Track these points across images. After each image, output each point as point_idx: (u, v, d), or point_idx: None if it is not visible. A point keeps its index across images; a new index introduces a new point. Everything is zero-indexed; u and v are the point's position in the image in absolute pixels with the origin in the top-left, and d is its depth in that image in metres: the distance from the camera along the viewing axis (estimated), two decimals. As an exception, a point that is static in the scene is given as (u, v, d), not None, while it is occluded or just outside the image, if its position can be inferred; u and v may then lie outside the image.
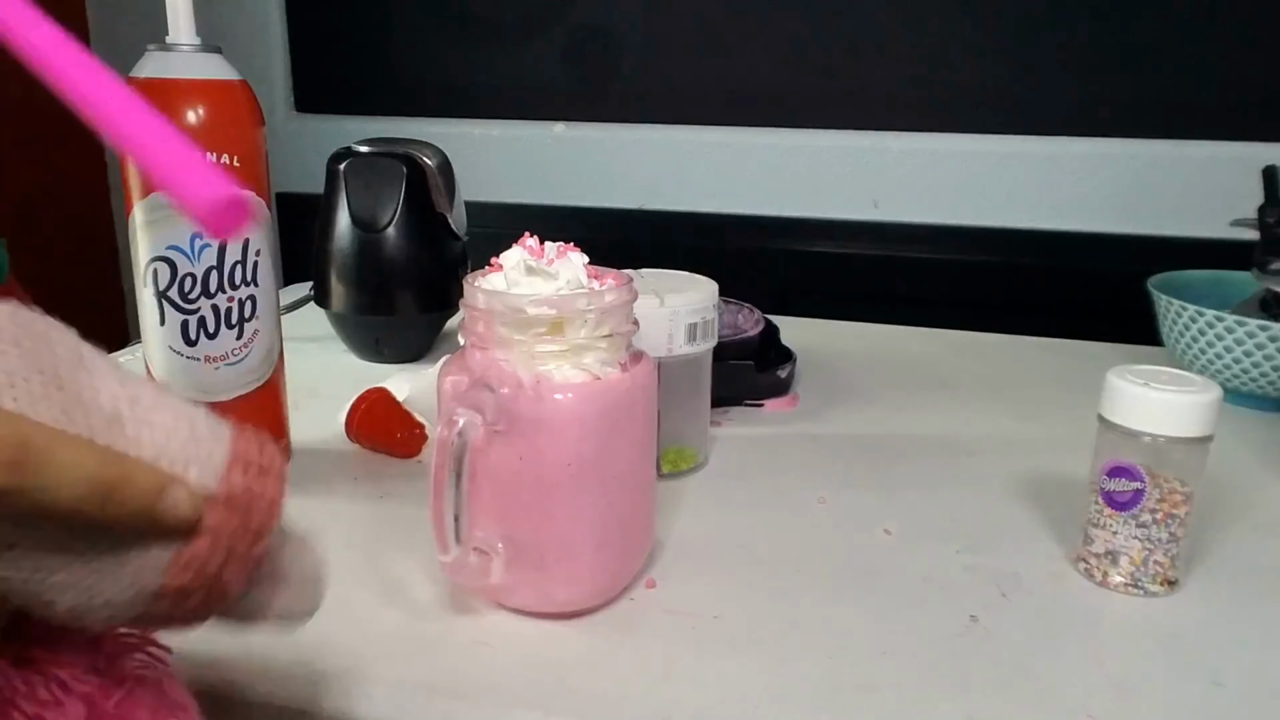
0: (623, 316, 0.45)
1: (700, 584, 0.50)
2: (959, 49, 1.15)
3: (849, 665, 0.43)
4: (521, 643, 0.45)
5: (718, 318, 0.61)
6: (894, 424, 0.72)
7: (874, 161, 1.19)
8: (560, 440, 0.43)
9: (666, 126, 1.25)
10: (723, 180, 1.24)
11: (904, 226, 1.19)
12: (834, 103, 1.20)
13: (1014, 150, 1.15)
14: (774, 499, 0.60)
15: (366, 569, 0.51)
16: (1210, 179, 1.08)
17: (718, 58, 1.22)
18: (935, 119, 1.17)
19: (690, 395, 0.62)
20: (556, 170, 1.28)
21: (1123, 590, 0.49)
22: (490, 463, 0.44)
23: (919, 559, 0.53)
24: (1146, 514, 0.48)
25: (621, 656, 0.44)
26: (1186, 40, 1.08)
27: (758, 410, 0.74)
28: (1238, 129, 1.07)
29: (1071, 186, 1.14)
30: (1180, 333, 0.76)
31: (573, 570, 0.45)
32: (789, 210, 1.23)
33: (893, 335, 0.95)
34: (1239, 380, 0.73)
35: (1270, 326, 0.70)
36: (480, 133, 1.27)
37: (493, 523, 0.45)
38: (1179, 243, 1.10)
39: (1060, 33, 1.11)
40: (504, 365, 0.43)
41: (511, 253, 0.45)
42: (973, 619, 0.47)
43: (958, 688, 0.42)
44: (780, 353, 0.78)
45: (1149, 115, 1.10)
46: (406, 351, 0.84)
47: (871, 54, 1.18)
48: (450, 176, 0.84)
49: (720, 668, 0.43)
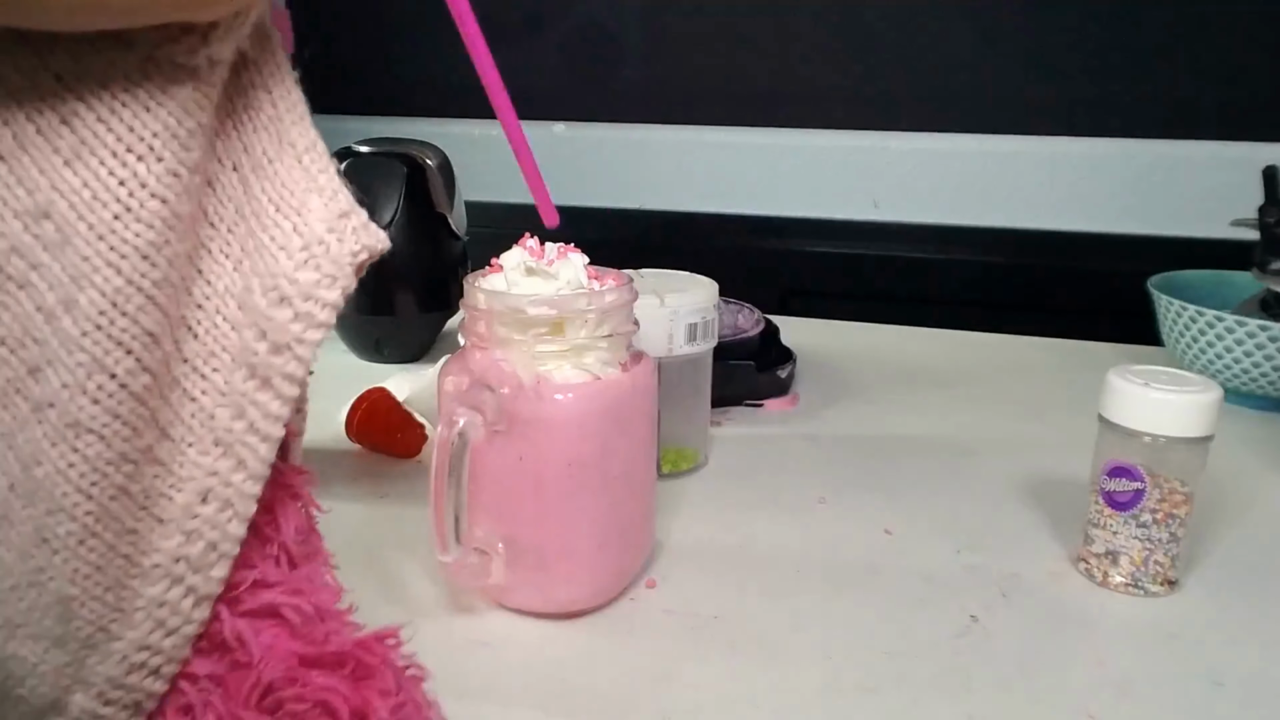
0: (623, 316, 0.45)
1: (700, 584, 0.50)
2: (959, 49, 1.15)
3: (849, 665, 0.43)
4: (521, 643, 0.45)
5: (718, 318, 0.61)
6: (894, 424, 0.72)
7: (874, 161, 1.19)
8: (560, 440, 0.43)
9: (666, 126, 1.25)
10: (723, 180, 1.24)
11: (904, 226, 1.19)
12: (834, 103, 1.20)
13: (1014, 150, 1.15)
14: (774, 499, 0.60)
15: (366, 569, 0.50)
16: (1210, 179, 1.08)
17: (718, 58, 1.22)
18: (935, 119, 1.17)
19: (690, 395, 0.62)
20: (556, 170, 1.27)
21: (1123, 590, 0.49)
22: (490, 463, 0.44)
23: (919, 559, 0.53)
24: (1147, 514, 0.48)
25: (621, 656, 0.44)
26: (1186, 40, 1.08)
27: (758, 410, 0.74)
28: (1238, 129, 1.07)
29: (1071, 186, 1.14)
30: (1180, 333, 0.76)
31: (573, 570, 0.45)
32: (789, 210, 1.23)
33: (893, 335, 0.95)
34: (1239, 380, 0.73)
35: (1270, 326, 0.70)
36: (480, 133, 1.27)
37: (493, 523, 0.45)
38: (1179, 243, 1.10)
39: (1060, 33, 1.11)
40: (504, 365, 0.43)
41: (511, 253, 0.45)
42: (973, 619, 0.47)
43: (958, 688, 0.42)
44: (780, 353, 0.78)
45: (1149, 115, 1.10)
46: (406, 351, 0.84)
47: (871, 54, 1.18)
48: (450, 176, 0.84)
49: (720, 668, 0.43)
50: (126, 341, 0.25)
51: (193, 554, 0.28)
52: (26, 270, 0.25)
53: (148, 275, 0.26)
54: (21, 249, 0.25)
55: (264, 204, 0.29)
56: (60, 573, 0.26)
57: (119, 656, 0.27)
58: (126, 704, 0.28)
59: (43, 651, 0.27)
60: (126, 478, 0.26)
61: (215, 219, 0.28)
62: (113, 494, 0.26)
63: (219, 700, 0.28)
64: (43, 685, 0.27)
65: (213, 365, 0.28)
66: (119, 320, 0.25)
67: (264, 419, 0.28)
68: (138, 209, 0.25)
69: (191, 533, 0.28)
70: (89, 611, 0.27)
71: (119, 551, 0.27)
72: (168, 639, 0.28)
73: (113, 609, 0.27)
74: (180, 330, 0.28)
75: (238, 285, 0.28)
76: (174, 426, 0.28)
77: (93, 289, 0.25)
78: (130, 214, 0.25)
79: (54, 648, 0.27)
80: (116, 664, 0.27)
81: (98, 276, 0.25)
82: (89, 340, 0.25)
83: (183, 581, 0.28)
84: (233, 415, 0.28)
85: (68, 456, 0.25)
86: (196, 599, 0.28)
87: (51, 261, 0.25)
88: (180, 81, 0.26)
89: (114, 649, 0.27)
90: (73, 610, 0.27)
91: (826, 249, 1.21)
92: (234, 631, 0.29)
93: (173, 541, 0.28)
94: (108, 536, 0.27)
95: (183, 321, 0.28)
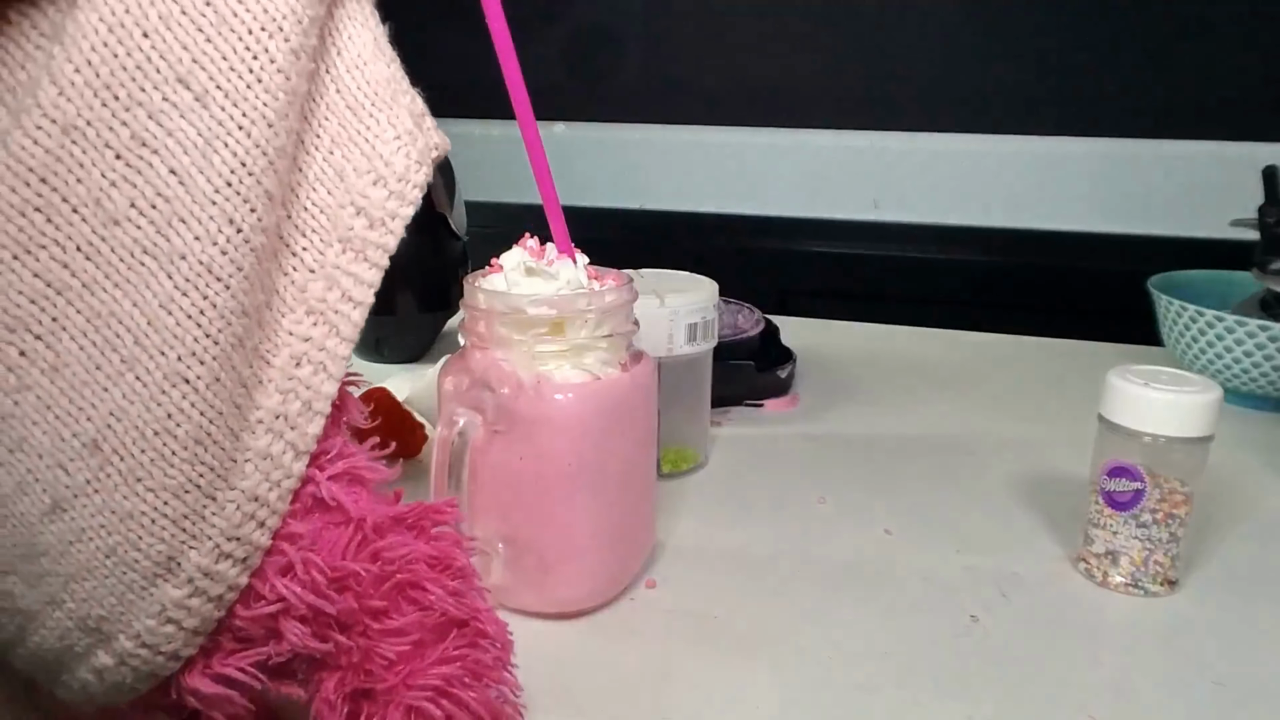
0: (623, 316, 0.45)
1: (700, 584, 0.50)
2: (959, 49, 1.15)
3: (849, 665, 0.43)
4: (521, 643, 0.45)
5: (718, 318, 0.61)
6: (894, 424, 0.72)
7: (874, 161, 1.20)
8: (560, 440, 0.43)
9: (666, 126, 1.25)
10: (723, 180, 1.24)
11: (904, 226, 1.19)
12: (834, 103, 1.20)
13: (1014, 150, 1.15)
14: (774, 499, 0.60)
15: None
16: (1210, 179, 1.08)
17: (718, 57, 1.22)
18: (935, 119, 1.17)
19: (690, 395, 0.62)
20: (557, 170, 1.27)
21: (1123, 590, 0.49)
22: (490, 463, 0.44)
23: (919, 559, 0.53)
24: (1147, 514, 0.48)
25: (621, 656, 0.44)
26: (1186, 40, 1.08)
27: (758, 410, 0.74)
28: (1238, 129, 1.07)
29: (1071, 186, 1.14)
30: (1180, 333, 0.76)
31: (573, 570, 0.45)
32: (789, 210, 1.23)
33: (893, 335, 0.95)
34: (1239, 380, 0.73)
35: (1270, 326, 0.70)
36: (480, 133, 1.27)
37: (493, 523, 0.45)
38: (1179, 243, 1.10)
39: (1060, 33, 1.11)
40: (504, 365, 0.43)
41: (511, 253, 0.45)
42: (973, 619, 0.47)
43: (958, 688, 0.42)
44: (780, 353, 0.78)
45: (1149, 115, 1.10)
46: (406, 351, 0.84)
47: (871, 54, 1.18)
48: (450, 176, 0.84)
49: (720, 668, 0.43)
50: (252, 200, 0.29)
51: (290, 411, 0.31)
52: (163, 136, 0.28)
53: (271, 142, 0.29)
54: (158, 115, 0.28)
55: (360, 98, 0.32)
56: (191, 415, 0.28)
57: (234, 506, 0.29)
58: (237, 559, 0.30)
59: (163, 504, 0.29)
60: (244, 329, 0.29)
61: (306, 113, 0.31)
62: (233, 342, 0.29)
63: (319, 556, 0.30)
64: (159, 542, 0.29)
65: (302, 244, 0.31)
66: (246, 180, 0.28)
67: (357, 286, 0.32)
68: (266, 80, 0.29)
69: (288, 391, 0.31)
70: (212, 456, 0.29)
71: (234, 401, 0.29)
72: (272, 491, 0.30)
73: (229, 457, 0.29)
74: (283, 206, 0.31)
75: (328, 172, 0.32)
76: (273, 297, 0.31)
77: (225, 150, 0.28)
78: (260, 84, 0.29)
79: (174, 498, 0.29)
80: (231, 514, 0.29)
81: (230, 139, 0.28)
82: (220, 196, 0.28)
83: (283, 436, 0.30)
84: (325, 286, 0.31)
85: (199, 304, 0.28)
86: (296, 453, 0.31)
87: (187, 126, 0.28)
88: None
89: (229, 498, 0.29)
90: (198, 455, 0.29)
91: (826, 249, 1.21)
92: (330, 493, 0.31)
93: (273, 399, 0.30)
94: (228, 383, 0.29)
95: (285, 201, 0.31)
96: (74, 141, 0.27)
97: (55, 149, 0.27)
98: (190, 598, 0.29)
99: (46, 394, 0.27)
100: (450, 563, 0.33)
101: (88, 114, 0.27)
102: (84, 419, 0.28)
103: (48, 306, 0.27)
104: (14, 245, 0.27)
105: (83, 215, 0.27)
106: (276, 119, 0.29)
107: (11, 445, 0.27)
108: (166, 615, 0.29)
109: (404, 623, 0.31)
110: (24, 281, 0.27)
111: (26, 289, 0.27)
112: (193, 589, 0.29)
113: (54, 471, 0.28)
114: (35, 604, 0.29)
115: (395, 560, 0.32)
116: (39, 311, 0.27)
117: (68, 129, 0.27)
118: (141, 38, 0.28)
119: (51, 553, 0.28)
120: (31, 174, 0.27)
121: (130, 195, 0.28)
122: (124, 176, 0.28)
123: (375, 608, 0.31)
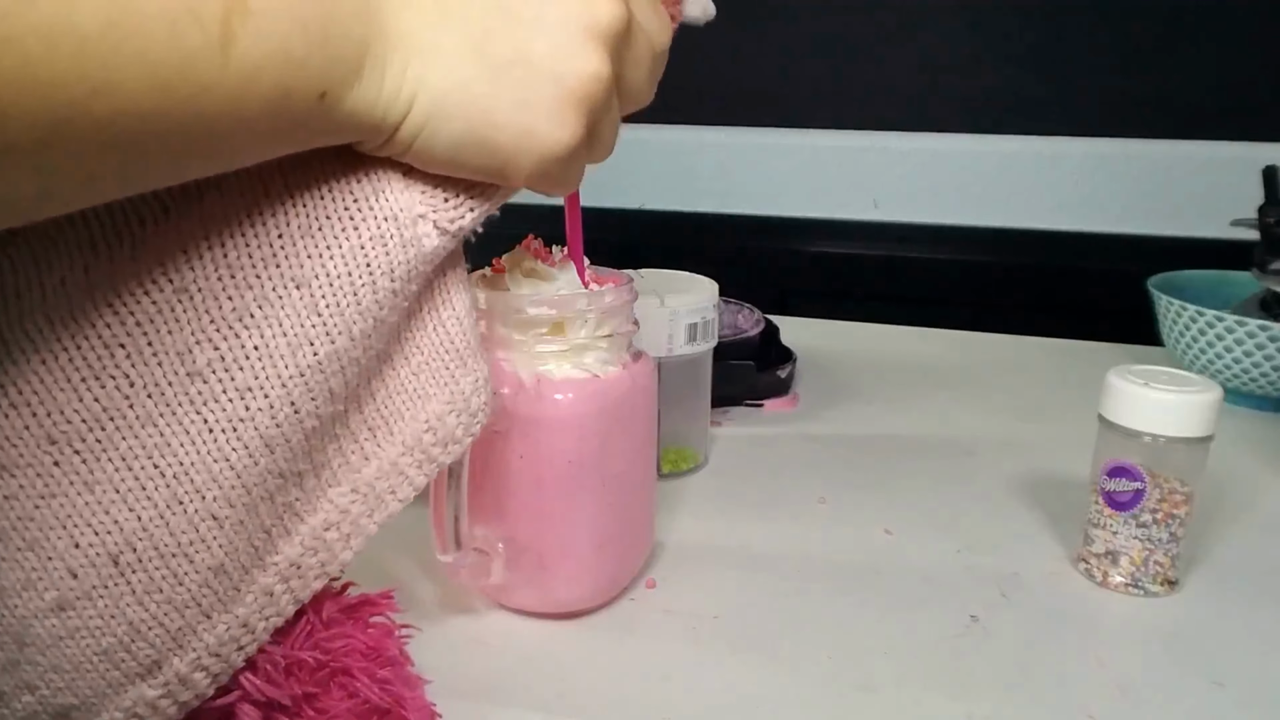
0: (623, 317, 0.45)
1: (700, 584, 0.50)
2: (959, 50, 1.15)
3: (849, 665, 0.43)
4: (521, 643, 0.45)
5: (718, 318, 0.61)
6: (894, 424, 0.72)
7: (874, 161, 1.20)
8: (560, 440, 0.43)
9: (667, 126, 1.25)
10: (723, 180, 1.24)
11: (904, 226, 1.19)
12: (834, 103, 1.20)
13: (1014, 150, 1.15)
14: (774, 499, 0.60)
15: (366, 569, 0.50)
16: (1210, 179, 1.08)
17: (718, 58, 1.22)
18: (935, 119, 1.17)
19: (690, 395, 0.62)
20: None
21: (1123, 590, 0.49)
22: (490, 463, 0.44)
23: (919, 559, 0.53)
24: (1147, 514, 0.48)
25: (621, 656, 0.44)
26: (1186, 40, 1.08)
27: (758, 410, 0.74)
28: (1238, 129, 1.07)
29: (1071, 186, 1.14)
30: (1180, 333, 0.76)
31: (573, 570, 0.45)
32: (789, 210, 1.23)
33: (893, 335, 0.95)
34: (1239, 380, 0.73)
35: (1270, 326, 0.70)
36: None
37: (493, 523, 0.45)
38: (1179, 243, 1.10)
39: (1061, 33, 1.11)
40: (504, 365, 0.43)
41: (512, 253, 0.45)
42: (973, 619, 0.47)
43: (958, 688, 0.42)
44: (780, 353, 0.78)
45: (1149, 115, 1.11)
46: (406, 351, 0.83)
47: (871, 54, 1.18)
48: (450, 176, 0.83)
49: (720, 668, 0.43)
50: (317, 393, 0.31)
51: (306, 564, 0.33)
52: (261, 319, 0.30)
53: (349, 352, 0.32)
54: (264, 302, 0.30)
55: (456, 342, 0.36)
56: (212, 547, 0.30)
57: (225, 627, 0.32)
58: (212, 673, 0.32)
59: (164, 615, 0.30)
60: (278, 488, 0.32)
61: (402, 339, 0.35)
62: (264, 496, 0.31)
63: (279, 650, 0.33)
64: (150, 648, 0.30)
65: (365, 436, 0.34)
66: (318, 376, 0.31)
67: (406, 484, 0.35)
68: (364, 305, 0.31)
69: (311, 549, 0.33)
70: (220, 584, 0.31)
71: (253, 543, 0.32)
72: (261, 624, 0.32)
73: (234, 586, 0.32)
74: (353, 402, 0.33)
75: (408, 387, 0.35)
76: (323, 470, 0.33)
77: (310, 348, 0.31)
78: (357, 307, 0.31)
79: (175, 613, 0.30)
80: (221, 633, 0.32)
81: (317, 341, 0.31)
82: (294, 383, 0.31)
83: (288, 583, 0.33)
84: (377, 474, 0.34)
85: (244, 461, 0.30)
86: (294, 599, 0.33)
87: (285, 318, 0.30)
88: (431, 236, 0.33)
89: (224, 620, 0.32)
90: (208, 580, 0.31)
91: (826, 249, 1.21)
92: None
93: (295, 550, 0.33)
94: (251, 528, 0.31)
95: (357, 398, 0.34)
96: (180, 301, 0.29)
97: (162, 303, 0.29)
98: (161, 699, 0.31)
99: (73, 505, 0.29)
100: (382, 652, 0.36)
101: (203, 282, 0.29)
102: (106, 533, 0.29)
103: (95, 429, 0.28)
104: (85, 369, 0.28)
105: (160, 360, 0.29)
106: (360, 338, 0.32)
107: (22, 545, 0.28)
108: (134, 711, 0.31)
109: (334, 710, 0.34)
110: (82, 402, 0.28)
111: (82, 410, 0.28)
112: (166, 692, 0.31)
113: (63, 575, 0.29)
114: (6, 686, 0.30)
115: (333, 651, 0.34)
116: (86, 432, 0.28)
117: (180, 291, 0.29)
118: (276, 238, 0.30)
119: (38, 644, 0.29)
120: (131, 317, 0.28)
121: (210, 357, 0.30)
122: (212, 341, 0.30)
123: (311, 694, 0.34)
